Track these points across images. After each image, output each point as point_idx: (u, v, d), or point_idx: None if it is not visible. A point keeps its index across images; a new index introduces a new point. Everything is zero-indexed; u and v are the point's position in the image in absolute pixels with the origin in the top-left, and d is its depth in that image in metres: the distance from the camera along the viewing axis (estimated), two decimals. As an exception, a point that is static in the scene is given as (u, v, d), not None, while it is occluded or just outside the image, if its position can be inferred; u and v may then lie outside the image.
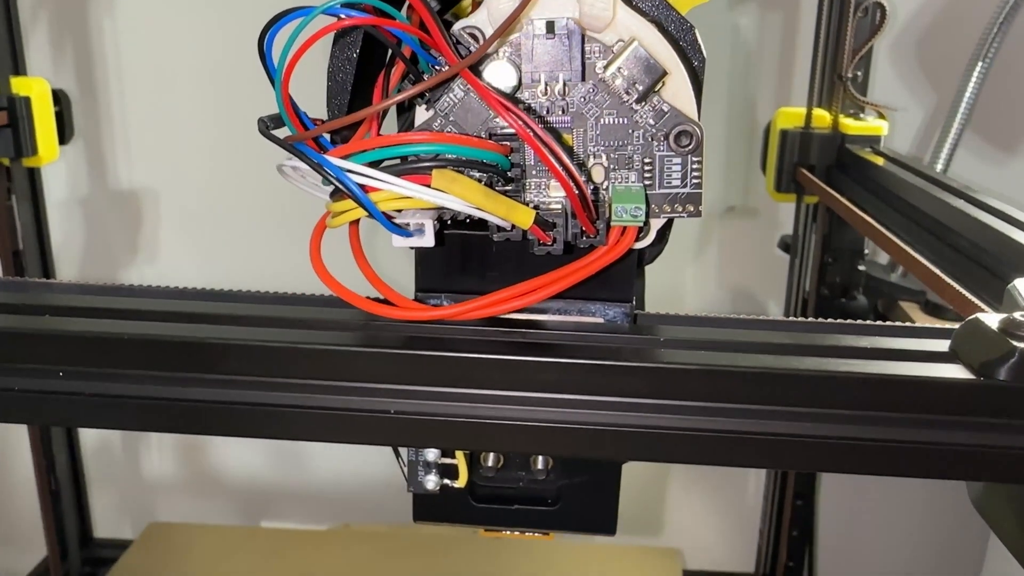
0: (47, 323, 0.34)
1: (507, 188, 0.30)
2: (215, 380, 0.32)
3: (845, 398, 0.30)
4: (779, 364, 0.31)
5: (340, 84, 0.32)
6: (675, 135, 0.30)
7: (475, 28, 0.30)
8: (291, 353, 0.31)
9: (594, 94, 0.30)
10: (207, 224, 1.02)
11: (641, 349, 0.32)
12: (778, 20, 0.92)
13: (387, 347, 0.31)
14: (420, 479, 0.35)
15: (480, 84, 0.27)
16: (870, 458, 0.31)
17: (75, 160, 1.00)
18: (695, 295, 1.02)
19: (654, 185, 0.31)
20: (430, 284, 0.34)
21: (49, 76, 0.88)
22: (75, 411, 0.33)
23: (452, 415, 0.31)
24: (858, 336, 0.34)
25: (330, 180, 0.28)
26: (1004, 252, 0.49)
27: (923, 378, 0.30)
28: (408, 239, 0.29)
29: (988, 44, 0.79)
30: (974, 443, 0.30)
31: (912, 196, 0.62)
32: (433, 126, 0.30)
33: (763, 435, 0.31)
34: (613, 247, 0.30)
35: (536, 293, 0.30)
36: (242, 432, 0.33)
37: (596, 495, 0.37)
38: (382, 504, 1.03)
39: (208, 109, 0.97)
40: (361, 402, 0.32)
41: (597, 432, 0.31)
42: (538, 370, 0.31)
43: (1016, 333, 0.30)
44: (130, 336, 0.32)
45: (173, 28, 0.96)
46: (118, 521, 1.10)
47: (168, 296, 0.37)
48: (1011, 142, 0.93)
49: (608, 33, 0.30)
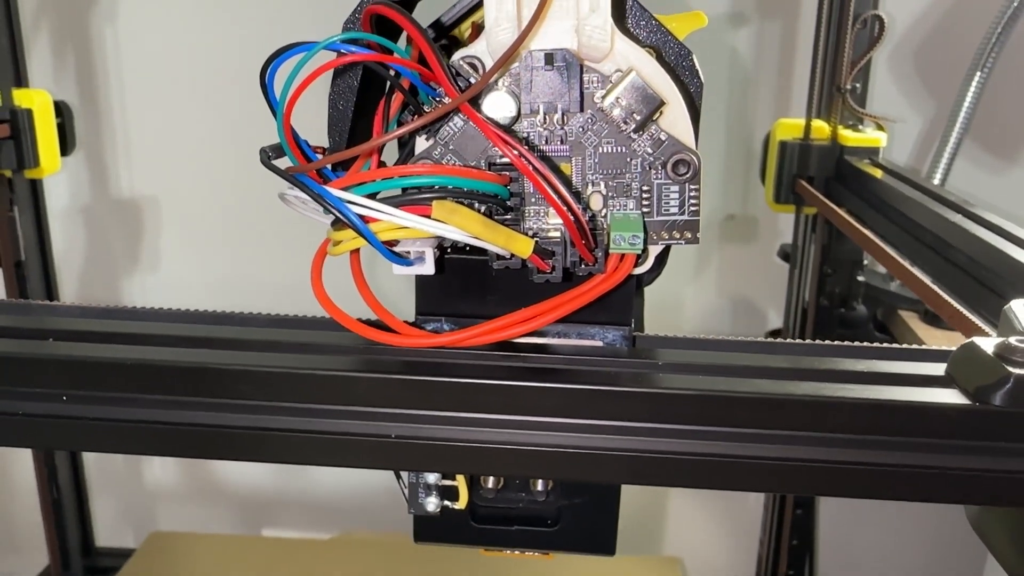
0: (50, 348, 0.34)
1: (506, 217, 0.30)
2: (217, 404, 0.32)
3: (842, 423, 0.31)
4: (776, 389, 0.31)
5: (341, 112, 0.33)
6: (673, 164, 0.30)
7: (475, 58, 0.30)
8: (292, 378, 0.32)
9: (592, 123, 0.30)
10: (208, 232, 1.02)
11: (640, 374, 0.32)
12: (777, 30, 0.92)
13: (388, 372, 0.31)
14: (421, 501, 0.36)
15: (479, 118, 0.27)
16: (867, 482, 0.31)
17: (77, 169, 1.00)
18: (695, 303, 1.02)
19: (652, 212, 0.31)
20: (430, 307, 0.35)
21: (51, 87, 0.89)
22: (79, 436, 0.33)
23: (452, 439, 0.31)
24: (855, 360, 0.34)
25: (331, 211, 0.28)
26: (1002, 268, 0.49)
27: (919, 404, 0.30)
28: (409, 268, 0.29)
29: (986, 54, 0.79)
30: (970, 467, 0.30)
31: (910, 209, 0.62)
32: (433, 154, 0.30)
33: (761, 460, 0.31)
34: (611, 274, 0.30)
35: (535, 321, 0.30)
36: (244, 456, 0.33)
37: (596, 516, 0.37)
38: (384, 513, 1.03)
39: (209, 118, 0.97)
40: (362, 426, 0.32)
41: (596, 456, 0.31)
42: (538, 396, 0.31)
43: (1011, 358, 0.30)
44: (133, 361, 0.32)
45: (174, 38, 0.96)
46: (120, 530, 1.10)
47: (170, 319, 0.37)
48: (1010, 151, 0.93)
49: (606, 63, 0.30)
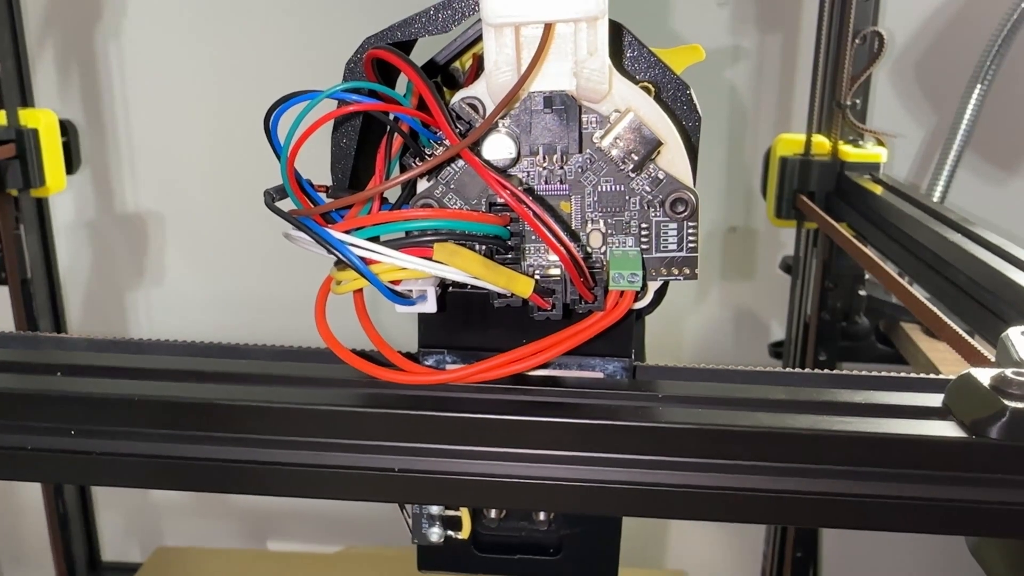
0: (58, 383, 0.35)
1: (507, 256, 0.31)
2: (224, 439, 0.33)
3: (841, 456, 0.31)
4: (775, 423, 0.31)
5: (344, 150, 0.33)
6: (671, 202, 0.31)
7: (475, 99, 0.31)
8: (298, 414, 0.32)
9: (591, 163, 0.31)
10: (213, 247, 1.03)
11: (640, 407, 0.32)
12: (778, 45, 0.92)
13: (391, 407, 0.32)
14: (424, 531, 0.36)
15: (478, 163, 0.28)
16: (866, 514, 0.31)
17: (82, 185, 1.01)
18: (697, 316, 1.02)
19: (651, 249, 0.31)
20: (433, 340, 0.35)
21: (56, 104, 0.90)
22: (87, 470, 0.34)
23: (455, 473, 0.32)
24: (853, 391, 0.34)
25: (333, 253, 0.28)
26: (1002, 290, 0.49)
27: (916, 436, 0.31)
28: (411, 307, 0.30)
29: (987, 66, 0.79)
30: (967, 499, 0.31)
31: (910, 227, 0.63)
32: (435, 194, 0.31)
33: (760, 492, 0.31)
34: (611, 311, 0.31)
35: (536, 357, 0.31)
36: (251, 490, 0.34)
37: (598, 545, 0.38)
38: (389, 527, 1.04)
39: (213, 133, 0.98)
40: (366, 460, 0.32)
41: (598, 490, 0.32)
42: (540, 430, 0.31)
43: (1007, 391, 0.31)
44: (140, 397, 0.33)
45: (178, 55, 0.97)
46: (126, 545, 1.10)
47: (176, 352, 0.38)
48: (1011, 162, 0.93)
49: (604, 104, 0.30)
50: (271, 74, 0.96)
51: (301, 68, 0.94)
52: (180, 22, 0.96)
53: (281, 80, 0.95)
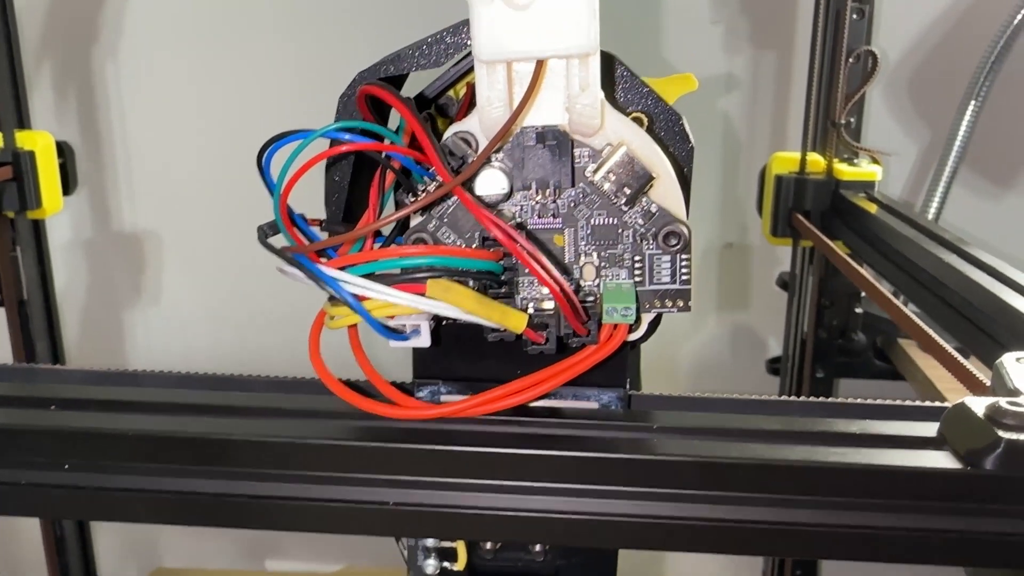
0: (53, 417, 0.34)
1: (500, 291, 0.31)
2: (220, 472, 0.33)
3: (835, 487, 0.31)
4: (770, 455, 0.31)
5: (337, 183, 0.33)
6: (664, 235, 0.31)
7: (467, 133, 0.31)
8: (293, 448, 0.32)
9: (584, 196, 0.31)
10: (210, 266, 1.03)
11: (635, 439, 0.32)
12: (772, 60, 0.93)
13: (385, 441, 0.32)
14: (420, 564, 0.36)
15: (470, 201, 0.28)
16: (861, 545, 0.31)
17: (79, 205, 1.01)
18: (694, 332, 1.02)
19: (644, 282, 0.32)
20: (427, 371, 0.35)
21: (53, 127, 0.90)
22: (82, 505, 0.34)
23: (450, 506, 0.32)
24: (848, 420, 0.34)
25: (326, 290, 0.28)
26: (995, 313, 0.49)
27: (911, 468, 0.31)
28: (405, 342, 0.30)
29: (980, 83, 0.80)
30: (963, 529, 0.31)
31: (905, 247, 0.63)
32: (428, 228, 0.31)
33: (755, 524, 0.31)
34: (605, 344, 0.31)
35: (530, 391, 0.31)
36: (245, 524, 0.34)
37: (593, 574, 0.37)
38: (387, 546, 1.03)
39: (210, 152, 0.98)
40: (360, 493, 0.32)
41: (592, 522, 0.32)
42: (535, 463, 0.31)
43: (1001, 421, 0.31)
44: (135, 432, 0.33)
45: (175, 77, 0.97)
46: (123, 566, 1.10)
47: (171, 384, 0.38)
48: (1006, 177, 0.94)
49: (597, 138, 0.31)
50: (268, 94, 0.96)
51: (299, 89, 0.94)
52: (176, 43, 0.96)
53: (278, 101, 0.96)
